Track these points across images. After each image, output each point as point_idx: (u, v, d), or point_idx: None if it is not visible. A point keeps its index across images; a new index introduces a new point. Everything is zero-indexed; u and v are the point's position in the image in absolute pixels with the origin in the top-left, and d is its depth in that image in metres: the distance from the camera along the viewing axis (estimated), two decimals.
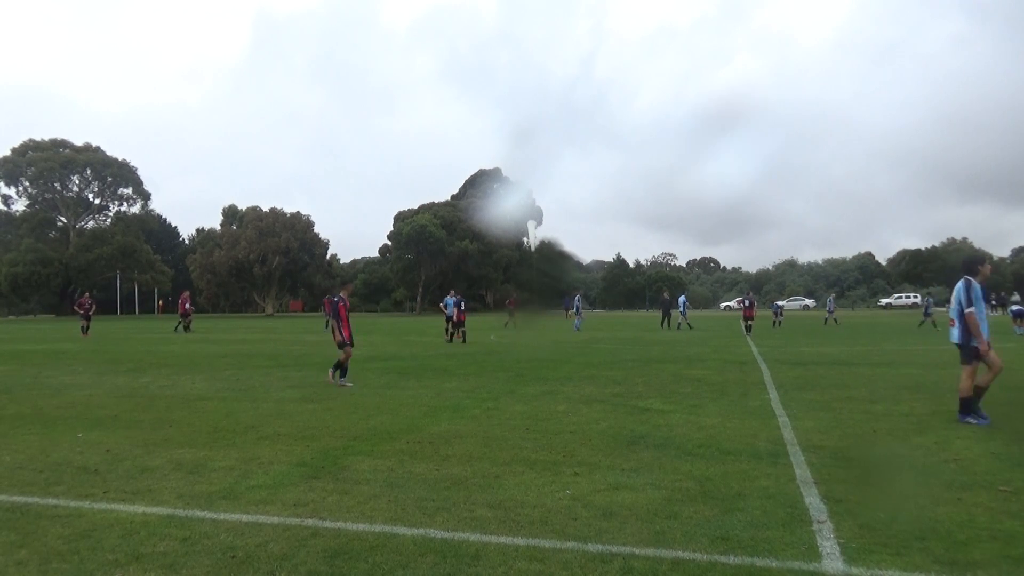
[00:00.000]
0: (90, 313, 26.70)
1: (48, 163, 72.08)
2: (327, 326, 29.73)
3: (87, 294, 29.21)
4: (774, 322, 33.07)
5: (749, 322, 26.87)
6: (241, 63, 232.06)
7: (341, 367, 10.82)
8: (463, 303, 24.98)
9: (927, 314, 31.87)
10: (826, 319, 37.34)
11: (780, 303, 39.45)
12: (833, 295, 48.74)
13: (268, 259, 76.61)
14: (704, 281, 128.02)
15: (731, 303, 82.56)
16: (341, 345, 10.84)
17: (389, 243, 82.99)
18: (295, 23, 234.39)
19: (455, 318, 24.89)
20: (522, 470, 5.36)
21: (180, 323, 30.97)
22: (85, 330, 25.84)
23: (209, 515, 4.27)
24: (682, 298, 32.87)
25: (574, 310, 31.42)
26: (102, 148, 76.69)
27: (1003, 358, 7.54)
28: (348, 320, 11.02)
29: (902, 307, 73.63)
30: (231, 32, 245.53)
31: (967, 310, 7.11)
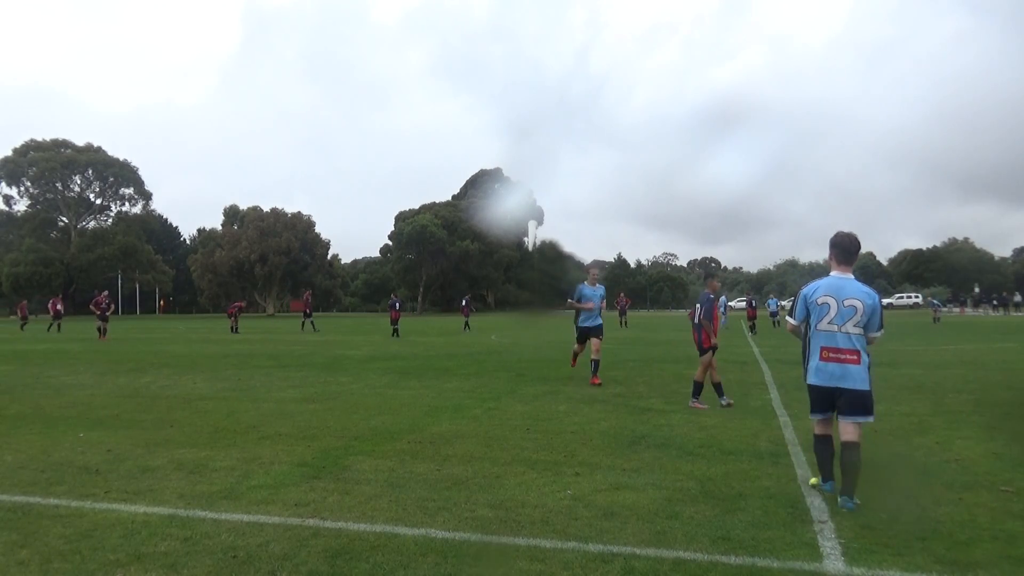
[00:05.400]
0: (107, 313, 24.42)
1: (49, 163, 72.26)
2: (464, 329, 25.62)
3: (105, 292, 26.12)
4: (774, 322, 33.13)
5: (752, 321, 27.44)
6: (235, 60, 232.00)
7: (717, 386, 8.83)
8: (398, 304, 24.74)
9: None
10: (934, 319, 37.62)
11: (782, 303, 39.49)
12: (932, 295, 47.49)
13: (269, 259, 76.66)
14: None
15: (732, 303, 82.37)
16: (705, 351, 8.81)
17: (390, 243, 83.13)
18: (285, 16, 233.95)
19: (391, 316, 24.07)
20: (523, 470, 5.36)
21: (305, 321, 31.64)
22: (102, 332, 23.86)
23: (210, 515, 4.28)
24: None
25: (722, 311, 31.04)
26: (103, 148, 76.94)
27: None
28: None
29: (903, 307, 73.57)
30: (222, 27, 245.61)
31: None
